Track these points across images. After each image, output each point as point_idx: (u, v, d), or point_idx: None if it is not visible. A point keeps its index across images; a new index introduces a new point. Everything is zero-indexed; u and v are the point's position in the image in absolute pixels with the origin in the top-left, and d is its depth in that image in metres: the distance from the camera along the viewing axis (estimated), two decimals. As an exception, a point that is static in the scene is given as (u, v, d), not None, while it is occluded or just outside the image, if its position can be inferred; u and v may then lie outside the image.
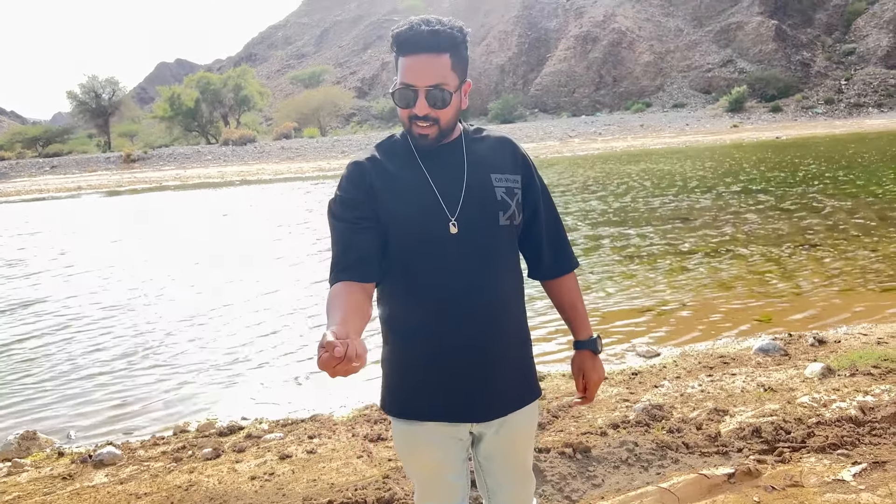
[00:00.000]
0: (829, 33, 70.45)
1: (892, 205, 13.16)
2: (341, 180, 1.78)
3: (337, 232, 1.76)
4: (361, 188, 1.75)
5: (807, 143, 35.14)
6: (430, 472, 1.87)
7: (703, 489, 3.21)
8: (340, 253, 1.74)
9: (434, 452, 1.84)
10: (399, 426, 1.86)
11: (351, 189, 1.75)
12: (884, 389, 4.25)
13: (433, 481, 1.88)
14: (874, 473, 3.24)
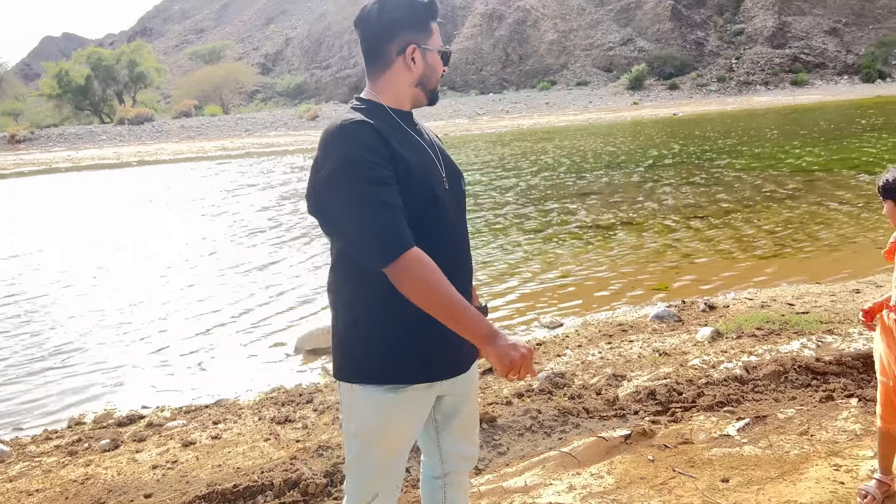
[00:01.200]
0: (721, 14, 73.62)
1: (778, 178, 13.99)
2: (355, 143, 1.68)
3: (378, 196, 1.64)
4: (385, 147, 1.70)
5: (702, 119, 36.79)
6: (398, 444, 1.86)
7: (601, 451, 3.36)
8: (395, 217, 1.65)
9: (408, 419, 1.84)
10: (378, 395, 1.79)
11: (377, 148, 1.68)
12: (766, 349, 4.55)
13: (394, 458, 1.87)
14: (756, 427, 3.47)
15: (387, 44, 1.80)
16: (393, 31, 1.79)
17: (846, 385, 3.85)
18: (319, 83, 79.19)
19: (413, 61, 1.81)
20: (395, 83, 1.83)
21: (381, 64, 1.83)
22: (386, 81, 1.84)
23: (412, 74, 1.83)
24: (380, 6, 1.79)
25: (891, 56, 62.80)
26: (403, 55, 1.81)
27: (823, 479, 2.89)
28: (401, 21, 1.79)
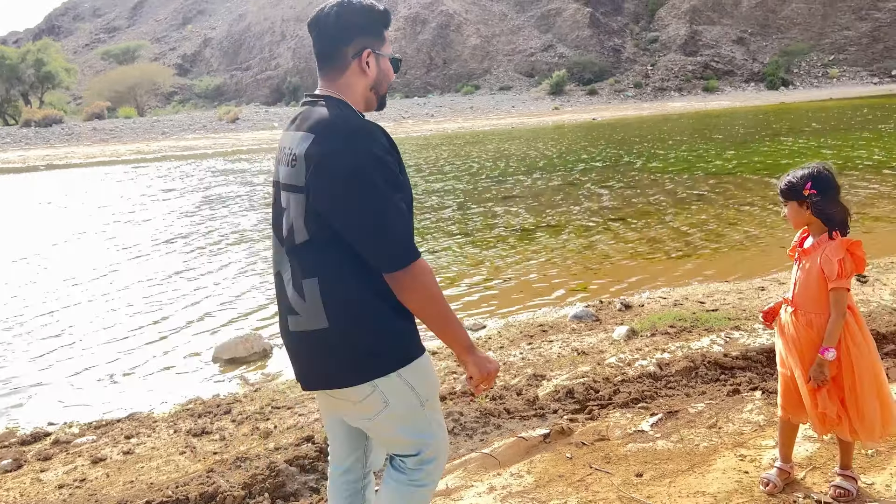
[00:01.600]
0: (637, 22, 76.16)
1: (691, 181, 14.56)
2: (378, 145, 1.77)
3: (404, 204, 1.80)
4: (396, 151, 1.85)
5: (620, 123, 37.90)
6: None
7: (521, 451, 3.40)
8: (409, 224, 1.82)
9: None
10: (425, 361, 1.94)
11: (392, 152, 1.81)
12: (678, 346, 4.72)
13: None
14: (668, 422, 3.60)
15: (343, 46, 1.88)
16: (349, 35, 1.87)
17: (751, 378, 4.04)
18: (240, 85, 77.52)
19: (367, 65, 1.90)
20: (352, 86, 1.91)
21: (338, 66, 1.90)
22: (344, 84, 1.91)
23: (367, 78, 1.92)
24: (338, 10, 1.86)
25: (792, 65, 66.40)
26: (359, 58, 1.89)
27: (730, 469, 3.02)
28: (358, 26, 1.88)
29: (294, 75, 73.89)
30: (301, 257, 1.84)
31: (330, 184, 1.75)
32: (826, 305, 2.59)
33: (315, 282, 1.81)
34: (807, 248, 2.70)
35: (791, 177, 2.67)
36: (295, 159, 1.83)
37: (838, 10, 70.37)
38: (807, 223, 2.69)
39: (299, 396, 4.52)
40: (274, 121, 49.24)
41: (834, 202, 2.62)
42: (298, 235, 1.83)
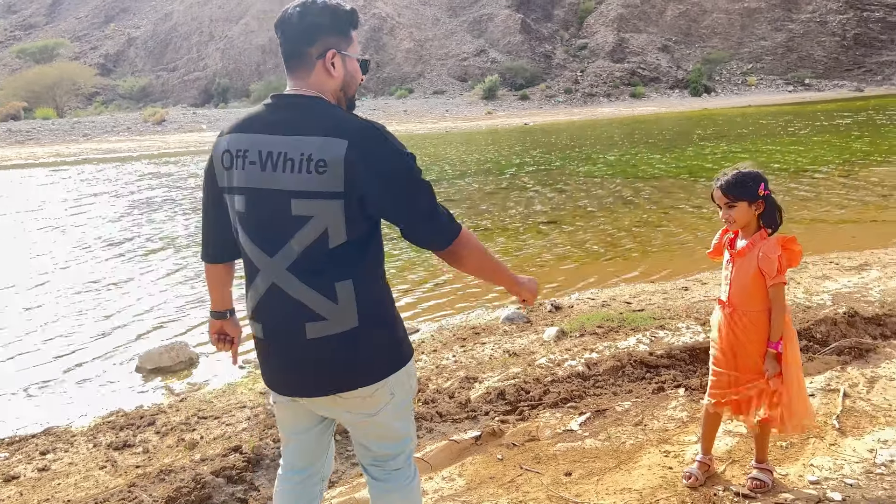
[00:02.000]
0: (566, 28, 77.71)
1: (621, 184, 14.93)
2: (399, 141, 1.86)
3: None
4: None
5: (551, 128, 38.56)
6: None
7: (453, 454, 3.41)
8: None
9: None
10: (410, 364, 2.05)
11: None
12: (606, 346, 4.83)
13: None
14: (596, 421, 3.68)
15: (307, 47, 1.86)
16: (313, 35, 1.85)
17: (675, 376, 4.17)
18: (166, 86, 75.29)
19: (333, 66, 1.88)
20: (321, 85, 1.89)
21: (303, 66, 1.88)
22: (314, 83, 1.89)
23: (333, 80, 1.90)
24: (301, 10, 1.85)
25: (714, 72, 68.96)
26: (323, 59, 1.87)
27: (655, 465, 3.10)
28: (321, 26, 1.86)
29: (223, 77, 72.28)
30: (332, 259, 1.83)
31: (385, 184, 1.80)
32: (762, 302, 2.70)
33: (350, 283, 1.85)
34: (740, 248, 2.78)
35: (741, 177, 2.71)
36: (324, 165, 1.76)
37: (755, 21, 73.56)
38: (747, 223, 2.76)
39: (227, 406, 4.41)
40: (202, 123, 48.04)
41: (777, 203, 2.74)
42: (335, 238, 1.81)
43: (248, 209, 1.87)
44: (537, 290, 2.19)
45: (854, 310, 4.96)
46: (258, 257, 1.89)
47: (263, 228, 1.86)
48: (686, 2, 75.49)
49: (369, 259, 1.90)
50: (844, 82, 67.65)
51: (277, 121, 1.85)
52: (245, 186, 1.86)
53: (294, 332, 1.88)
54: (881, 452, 3.01)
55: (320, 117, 1.82)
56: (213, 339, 2.30)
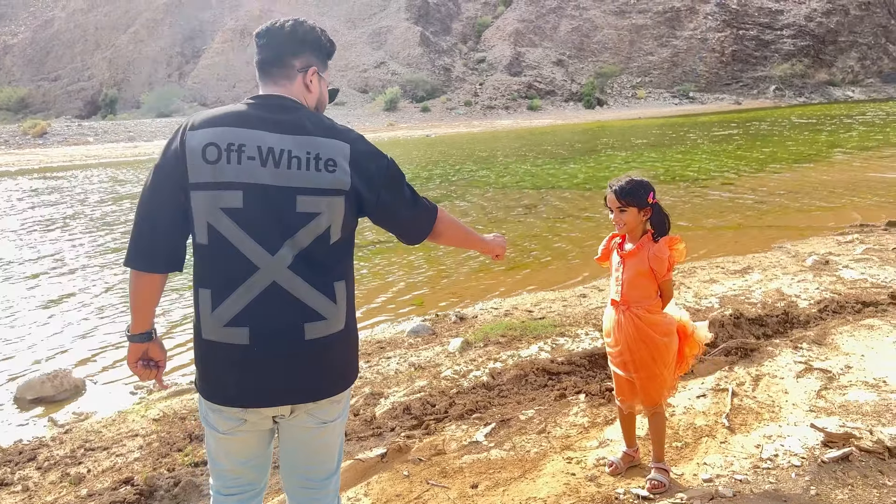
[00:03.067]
0: (465, 42, 79.03)
1: (520, 194, 15.25)
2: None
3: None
4: None
5: (453, 140, 39.01)
6: None
7: (359, 473, 3.34)
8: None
9: None
10: None
11: None
12: (509, 355, 4.88)
13: None
14: (501, 431, 3.70)
15: (292, 58, 1.95)
16: (300, 48, 1.96)
17: (576, 382, 4.26)
18: (48, 96, 71.05)
19: (311, 83, 1.99)
20: (299, 98, 1.97)
21: (284, 76, 1.96)
22: (293, 92, 1.96)
23: (311, 96, 2.00)
24: (294, 24, 1.97)
25: (606, 86, 71.88)
26: (304, 74, 1.97)
27: (558, 472, 3.15)
28: (309, 43, 1.98)
29: (111, 87, 68.97)
30: (331, 258, 1.89)
31: (382, 180, 1.95)
32: (653, 297, 2.90)
33: (344, 284, 1.92)
34: (630, 250, 2.93)
35: (633, 185, 2.85)
36: (334, 164, 1.86)
37: (643, 37, 77.30)
38: (634, 227, 2.90)
39: (117, 435, 4.16)
40: (89, 135, 45.59)
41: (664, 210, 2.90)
42: (335, 234, 1.88)
43: (247, 205, 1.82)
44: (504, 245, 2.40)
45: (739, 311, 5.24)
46: (258, 255, 1.83)
47: (265, 225, 1.82)
48: (578, 18, 78.45)
49: (351, 264, 1.99)
50: (724, 95, 72.08)
51: (273, 119, 1.87)
52: (242, 182, 1.82)
53: (293, 333, 1.84)
54: (766, 447, 3.18)
55: (316, 121, 1.92)
56: (137, 366, 2.05)
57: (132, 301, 2.03)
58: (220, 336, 1.86)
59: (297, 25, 1.96)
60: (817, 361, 4.21)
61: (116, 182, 22.96)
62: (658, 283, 2.89)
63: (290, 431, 1.99)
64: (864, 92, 74.12)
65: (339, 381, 1.96)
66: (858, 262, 6.76)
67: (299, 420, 1.96)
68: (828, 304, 5.42)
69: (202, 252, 1.87)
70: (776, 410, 3.59)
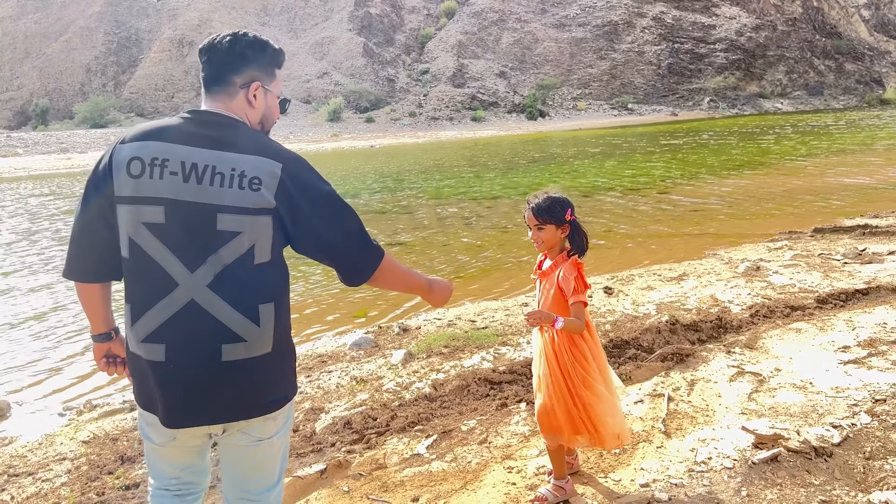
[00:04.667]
0: (408, 53, 79.30)
1: (464, 203, 15.33)
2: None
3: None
4: None
5: (397, 150, 39.03)
6: None
7: (297, 490, 3.28)
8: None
9: None
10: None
11: None
12: (451, 366, 4.88)
13: None
14: (443, 442, 3.69)
15: (233, 75, 1.92)
16: (240, 65, 1.93)
17: (517, 391, 4.28)
18: (-26, 106, 68.22)
19: (254, 98, 1.95)
20: (242, 113, 1.95)
21: (225, 93, 1.93)
22: (234, 108, 1.94)
23: (253, 111, 1.97)
24: (232, 39, 1.93)
25: (548, 98, 73.08)
26: (247, 90, 1.94)
27: (499, 482, 3.15)
28: (249, 58, 1.94)
29: (42, 96, 66.66)
30: (256, 279, 1.83)
31: (317, 206, 1.87)
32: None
33: (272, 307, 1.86)
34: (545, 269, 2.90)
35: (549, 202, 2.81)
36: (258, 182, 1.80)
37: (583, 50, 78.98)
38: (553, 245, 2.89)
39: (43, 459, 3.98)
40: (18, 146, 43.92)
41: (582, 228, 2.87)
42: (260, 255, 1.83)
43: (169, 221, 1.80)
44: (449, 291, 2.30)
45: (675, 318, 5.37)
46: (178, 272, 1.80)
47: (185, 241, 1.80)
48: (520, 31, 79.64)
49: (284, 285, 1.93)
50: (661, 107, 74.17)
51: (202, 134, 1.84)
52: (164, 197, 1.80)
53: (208, 354, 1.81)
54: (701, 451, 3.25)
55: (249, 138, 1.87)
56: (102, 364, 2.15)
57: (83, 307, 2.09)
58: (140, 351, 1.86)
59: (235, 40, 1.92)
60: (749, 365, 4.34)
61: (45, 196, 22.15)
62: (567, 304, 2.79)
63: (226, 448, 2.00)
64: (792, 104, 77.34)
65: (265, 402, 1.91)
66: (787, 268, 7.02)
67: (233, 438, 1.95)
68: (759, 308, 5.60)
69: (126, 266, 1.89)
70: (710, 414, 3.68)
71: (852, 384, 3.91)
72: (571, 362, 2.79)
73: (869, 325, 4.93)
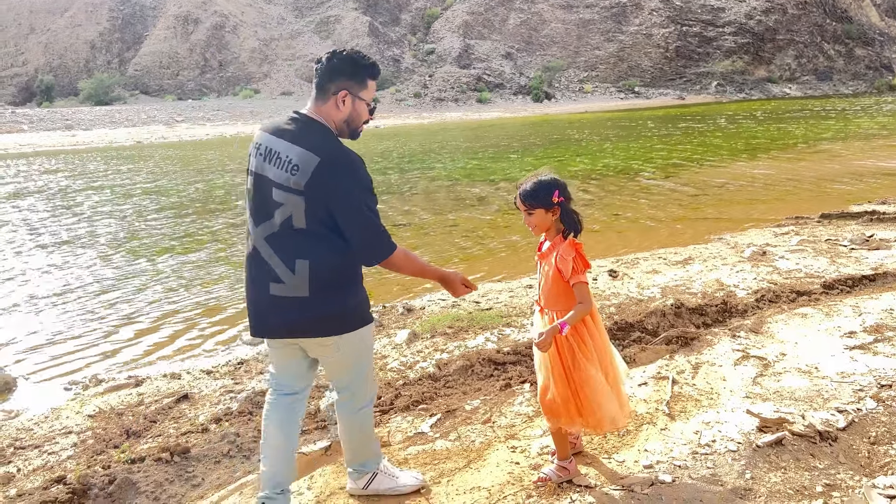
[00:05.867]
0: (414, 33, 78.66)
1: (469, 185, 15.28)
2: (367, 175, 2.50)
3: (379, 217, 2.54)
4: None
5: (402, 132, 38.86)
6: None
7: (302, 466, 3.29)
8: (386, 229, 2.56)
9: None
10: (370, 327, 2.74)
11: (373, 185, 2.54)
12: (456, 346, 4.89)
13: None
14: (447, 421, 3.69)
15: (328, 83, 2.52)
16: (333, 76, 2.52)
17: (521, 372, 4.28)
18: (-22, 82, 68.00)
19: (343, 103, 2.53)
20: (330, 115, 2.54)
21: (322, 96, 2.54)
22: (325, 112, 2.54)
23: (339, 113, 2.55)
24: (331, 55, 2.53)
25: (554, 80, 72.56)
26: (336, 96, 2.52)
27: (503, 461, 3.16)
28: (341, 71, 2.52)
29: (47, 73, 66.40)
30: (296, 240, 2.46)
31: (339, 199, 2.42)
32: (566, 302, 2.79)
33: (307, 263, 2.45)
34: (544, 251, 2.89)
35: (535, 186, 2.81)
36: (297, 169, 2.40)
37: (590, 32, 78.25)
38: (548, 227, 2.87)
39: (49, 432, 4.01)
40: (23, 123, 43.86)
41: (572, 208, 2.85)
42: (297, 223, 2.44)
43: (252, 188, 2.57)
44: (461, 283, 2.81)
45: (680, 301, 5.36)
46: (252, 226, 2.57)
47: (257, 204, 2.53)
48: (526, 11, 78.88)
49: (327, 250, 2.47)
50: (668, 91, 73.57)
51: (286, 129, 2.51)
52: (252, 170, 2.57)
53: (263, 287, 2.53)
54: (705, 433, 3.25)
55: (310, 135, 2.47)
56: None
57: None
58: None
59: (333, 56, 2.52)
60: (754, 349, 4.33)
61: (47, 172, 22.13)
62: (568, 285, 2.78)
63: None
64: (801, 89, 76.68)
65: (301, 329, 2.55)
66: (794, 253, 6.99)
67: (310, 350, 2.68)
68: (764, 293, 5.58)
69: None
70: (714, 397, 3.68)
71: (858, 369, 3.90)
72: (569, 346, 2.79)
73: (875, 310, 4.92)
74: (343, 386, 2.79)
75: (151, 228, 11.71)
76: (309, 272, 2.44)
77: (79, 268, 8.96)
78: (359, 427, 2.86)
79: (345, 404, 2.82)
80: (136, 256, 9.57)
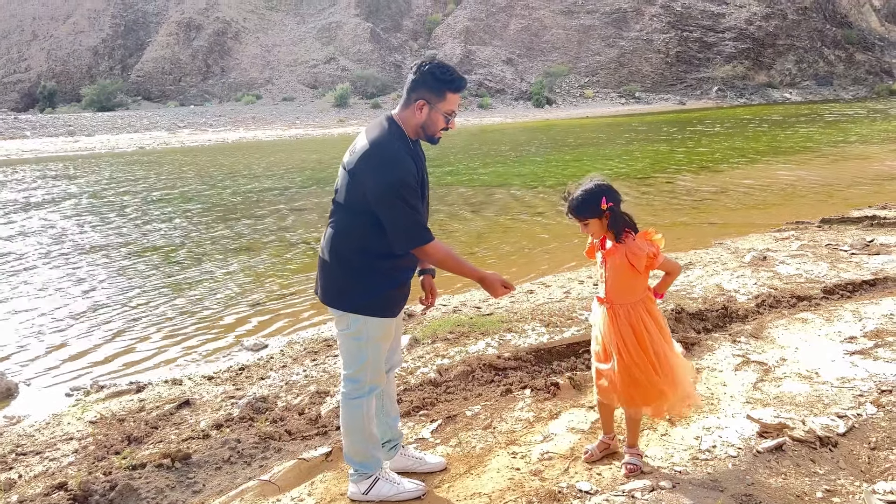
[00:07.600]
0: (415, 39, 78.83)
1: (468, 192, 15.28)
2: (404, 169, 2.70)
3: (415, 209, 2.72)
4: (416, 177, 2.76)
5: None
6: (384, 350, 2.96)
7: (302, 473, 3.30)
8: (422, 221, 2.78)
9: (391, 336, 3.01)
10: (384, 322, 2.89)
11: (413, 179, 2.73)
12: (456, 351, 4.89)
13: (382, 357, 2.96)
14: (447, 427, 3.70)
15: (412, 92, 2.81)
16: (415, 86, 2.81)
17: (522, 378, 4.29)
18: (-19, 88, 68.23)
19: (419, 110, 2.79)
20: (409, 119, 2.83)
21: (406, 102, 2.83)
22: (406, 114, 2.83)
23: (416, 119, 2.82)
24: (416, 67, 2.81)
25: (555, 85, 72.64)
26: (415, 104, 2.79)
27: (503, 467, 3.16)
28: (422, 83, 2.79)
29: (50, 79, 66.60)
30: (336, 212, 2.86)
31: (372, 186, 2.70)
32: (635, 294, 2.94)
33: (331, 231, 2.86)
34: (609, 248, 2.97)
35: (581, 198, 2.90)
36: (354, 152, 2.80)
37: (590, 38, 78.36)
38: (606, 231, 2.97)
39: (50, 439, 4.02)
40: (26, 129, 43.94)
41: (621, 209, 2.95)
42: (339, 196, 2.84)
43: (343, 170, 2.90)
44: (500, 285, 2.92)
45: (680, 306, 5.36)
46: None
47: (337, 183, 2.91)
48: (528, 17, 79.05)
49: (352, 225, 2.79)
50: (669, 96, 73.59)
51: (370, 126, 2.86)
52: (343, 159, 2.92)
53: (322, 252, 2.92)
54: (705, 439, 3.25)
55: (378, 132, 2.78)
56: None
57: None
58: None
59: (418, 68, 2.80)
60: (754, 354, 4.33)
61: (50, 178, 22.18)
62: (643, 275, 2.93)
63: None
64: (801, 94, 76.68)
65: (326, 295, 2.89)
66: (794, 258, 6.99)
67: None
68: (765, 298, 5.58)
69: None
70: (715, 403, 3.68)
71: (858, 375, 3.90)
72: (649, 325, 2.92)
73: (876, 316, 4.92)
74: (342, 366, 2.96)
75: (152, 233, 11.73)
76: (331, 239, 2.83)
77: (79, 274, 8.97)
78: (344, 415, 2.94)
79: (341, 386, 2.97)
80: (137, 262, 9.59)
